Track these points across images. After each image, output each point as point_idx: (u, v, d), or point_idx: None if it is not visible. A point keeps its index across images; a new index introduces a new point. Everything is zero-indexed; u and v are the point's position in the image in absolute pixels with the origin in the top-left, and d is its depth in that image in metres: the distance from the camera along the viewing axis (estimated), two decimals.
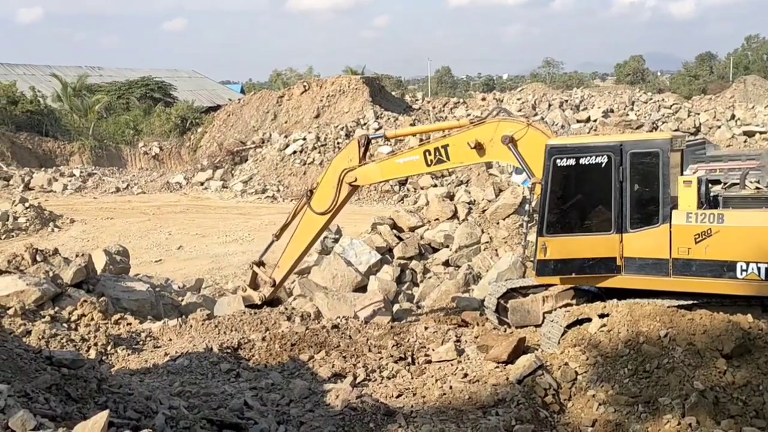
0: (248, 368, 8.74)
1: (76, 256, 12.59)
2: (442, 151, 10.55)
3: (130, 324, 10.92)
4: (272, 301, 12.44)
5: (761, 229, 8.23)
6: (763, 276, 8.16)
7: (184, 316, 11.59)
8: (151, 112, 48.50)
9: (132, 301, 12.23)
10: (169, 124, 45.49)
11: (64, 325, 10.44)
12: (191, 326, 10.72)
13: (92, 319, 10.69)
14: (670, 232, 8.58)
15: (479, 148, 10.12)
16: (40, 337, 9.39)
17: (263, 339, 9.62)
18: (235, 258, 20.72)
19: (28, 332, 9.51)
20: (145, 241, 23.39)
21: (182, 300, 13.62)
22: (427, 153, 10.69)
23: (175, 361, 8.90)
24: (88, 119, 44.71)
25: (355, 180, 11.40)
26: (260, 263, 12.84)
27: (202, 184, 36.65)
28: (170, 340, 10.30)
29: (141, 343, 10.13)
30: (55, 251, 12.37)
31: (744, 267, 8.23)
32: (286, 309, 12.77)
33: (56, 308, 10.90)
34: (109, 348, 9.63)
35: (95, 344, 9.62)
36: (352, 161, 11.48)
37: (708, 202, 8.86)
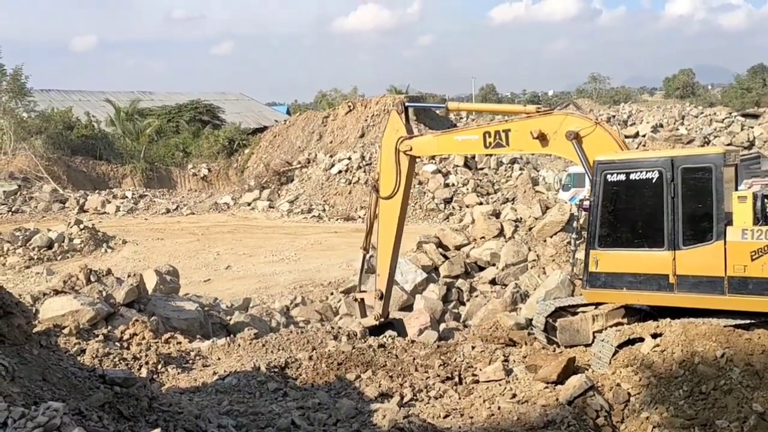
0: (295, 387, 8.77)
1: (128, 276, 12.87)
2: (503, 135, 10.35)
3: (180, 343, 11.07)
4: (385, 325, 12.13)
5: None
6: None
7: (232, 335, 11.70)
8: (200, 134, 49.61)
9: (182, 321, 12.42)
10: (217, 145, 46.44)
11: (117, 344, 10.65)
12: (239, 345, 10.83)
13: (143, 338, 10.88)
14: (725, 249, 8.33)
15: (542, 138, 9.93)
16: (94, 355, 9.61)
17: (310, 358, 9.65)
18: (281, 277, 20.90)
19: (83, 351, 9.74)
20: (193, 261, 23.77)
21: (230, 319, 13.78)
22: (487, 135, 10.51)
23: (224, 380, 8.99)
24: (139, 142, 45.99)
25: (411, 149, 11.31)
26: (359, 290, 12.64)
27: (249, 204, 37.16)
28: (219, 359, 10.41)
29: (190, 362, 10.27)
30: (108, 271, 12.68)
31: None
32: (333, 328, 12.81)
33: (109, 327, 11.13)
34: (159, 367, 9.78)
35: (146, 363, 9.79)
36: (399, 131, 11.47)
37: (764, 218, 8.57)
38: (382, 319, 11.96)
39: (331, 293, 17.72)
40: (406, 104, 11.77)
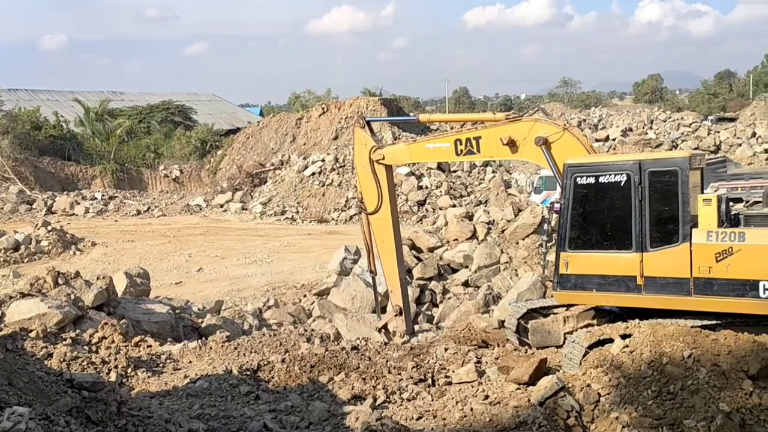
0: (268, 390, 8.72)
1: (97, 278, 12.69)
2: (474, 142, 10.47)
3: (151, 346, 10.95)
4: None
5: None
6: None
7: (203, 338, 11.60)
8: (172, 135, 49.15)
9: (152, 324, 12.27)
10: (190, 147, 46.04)
11: (85, 347, 10.49)
12: (211, 348, 10.73)
13: (113, 341, 10.73)
14: (691, 250, 8.49)
15: (512, 144, 10.06)
16: (61, 359, 9.44)
17: (283, 361, 9.60)
18: (254, 279, 20.78)
19: (50, 355, 9.57)
20: (165, 264, 23.53)
21: (202, 322, 13.66)
22: (458, 142, 10.61)
23: (195, 384, 8.90)
24: (109, 143, 45.39)
25: (383, 158, 11.39)
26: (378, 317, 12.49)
27: (221, 206, 36.89)
28: (190, 362, 10.31)
29: (161, 365, 10.15)
30: (77, 274, 12.48)
31: (767, 286, 8.10)
32: (306, 330, 12.76)
33: (77, 331, 10.96)
34: (129, 370, 9.65)
35: (115, 367, 9.65)
36: (368, 144, 11.54)
37: (729, 220, 8.75)
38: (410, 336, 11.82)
39: (305, 295, 17.65)
40: (367, 119, 11.84)
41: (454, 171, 34.72)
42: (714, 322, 8.53)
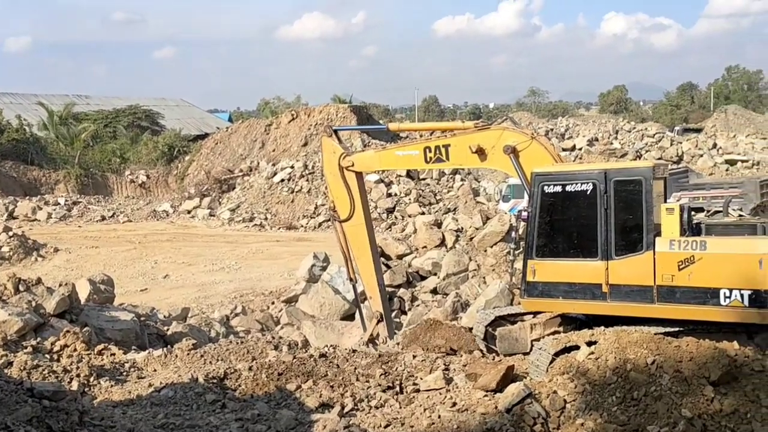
0: (234, 399, 8.63)
1: (60, 285, 12.45)
2: (443, 150, 10.53)
3: (114, 354, 10.77)
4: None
5: (743, 256, 8.27)
6: (746, 303, 8.18)
7: (169, 346, 11.45)
8: (138, 140, 48.53)
9: (116, 331, 12.08)
10: (157, 152, 45.50)
11: (46, 356, 10.27)
12: (176, 356, 10.59)
13: (75, 349, 10.53)
14: (654, 259, 8.64)
15: (481, 153, 10.14)
16: (22, 368, 9.24)
17: (250, 368, 9.51)
18: (222, 286, 20.58)
19: (10, 363, 9.35)
20: (130, 270, 23.19)
21: (168, 329, 13.48)
22: (427, 150, 10.66)
23: (160, 392, 8.77)
24: (74, 147, 44.61)
25: (353, 165, 11.38)
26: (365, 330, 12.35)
27: (189, 212, 36.50)
28: (155, 370, 10.16)
29: (125, 374, 9.99)
30: (38, 281, 12.22)
31: (727, 294, 8.26)
32: (274, 338, 12.67)
33: (38, 339, 10.75)
34: (91, 379, 9.47)
35: (78, 375, 9.47)
36: (336, 152, 11.52)
37: (691, 229, 8.93)
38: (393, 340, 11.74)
39: (273, 302, 17.55)
40: (334, 128, 11.86)
41: (424, 179, 34.87)
42: (676, 329, 8.68)
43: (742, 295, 8.20)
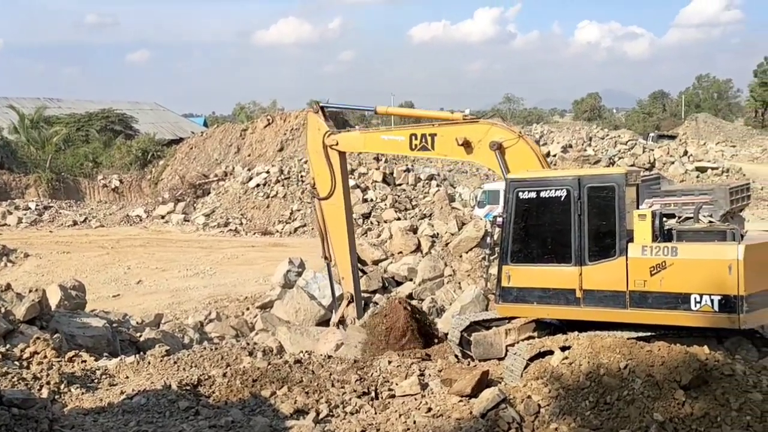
0: (208, 405, 8.55)
1: (30, 291, 12.25)
2: (429, 139, 10.51)
3: (85, 361, 10.61)
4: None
5: (713, 262, 8.40)
6: (716, 308, 8.31)
7: (142, 353, 11.33)
8: (111, 144, 47.98)
9: (87, 338, 11.91)
10: (130, 156, 45.03)
11: (16, 363, 10.09)
12: (149, 363, 10.47)
13: (45, 356, 10.36)
14: (627, 264, 8.74)
15: (467, 145, 10.16)
16: None
17: (224, 375, 9.43)
18: (196, 292, 20.41)
19: None
20: (102, 276, 22.92)
21: (140, 336, 13.32)
22: (413, 137, 10.64)
23: (132, 400, 8.65)
24: (45, 151, 43.97)
25: (337, 144, 11.33)
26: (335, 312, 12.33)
27: (163, 217, 36.17)
28: (127, 377, 10.03)
29: (96, 381, 9.84)
30: (8, 286, 12.02)
31: (698, 299, 8.39)
32: (248, 344, 12.58)
33: (7, 345, 10.56)
34: (62, 387, 9.32)
35: (48, 383, 9.31)
36: (321, 129, 11.47)
37: (662, 235, 9.05)
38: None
39: (247, 308, 17.44)
40: (321, 105, 11.77)
41: (399, 184, 34.96)
42: (648, 333, 8.79)
43: (712, 300, 8.33)
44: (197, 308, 18.14)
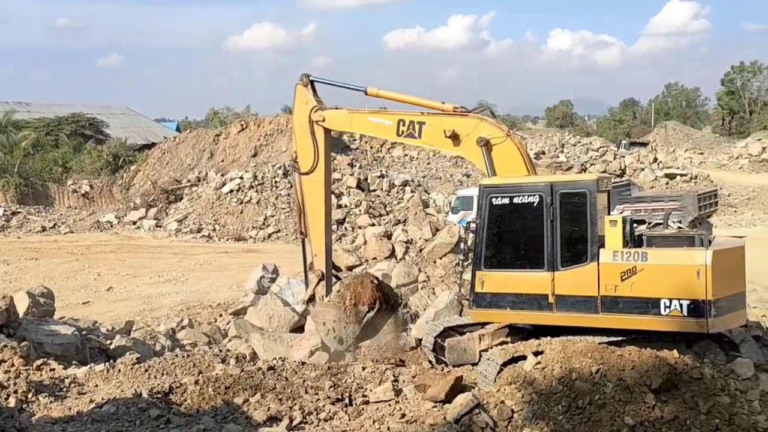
0: (179, 414, 8.44)
1: None
2: (417, 126, 10.44)
3: (54, 370, 10.42)
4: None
5: (682, 267, 8.53)
6: (685, 312, 8.43)
7: (112, 361, 11.15)
8: (82, 149, 47.28)
9: (56, 346, 11.70)
10: (101, 161, 44.39)
11: None
12: (119, 371, 10.32)
13: (12, 364, 10.14)
14: (598, 270, 8.84)
15: (454, 138, 10.11)
16: None
17: (196, 383, 9.32)
18: (168, 299, 20.17)
19: None
20: (72, 283, 22.54)
21: (110, 343, 13.12)
22: (401, 122, 10.57)
23: (101, 408, 8.52)
24: (13, 156, 43.13)
25: (323, 120, 11.22)
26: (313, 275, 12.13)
27: (134, 223, 35.72)
28: (96, 386, 9.87)
29: (65, 389, 9.66)
30: None
31: (667, 303, 8.51)
32: (221, 351, 12.46)
33: None
34: (30, 395, 9.13)
35: (15, 391, 9.12)
36: (309, 103, 11.35)
37: (633, 241, 9.17)
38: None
39: (220, 315, 17.27)
40: (311, 78, 11.66)
41: (374, 190, 34.98)
42: (620, 338, 8.89)
43: (681, 305, 8.45)
44: (169, 315, 17.93)
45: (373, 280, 11.34)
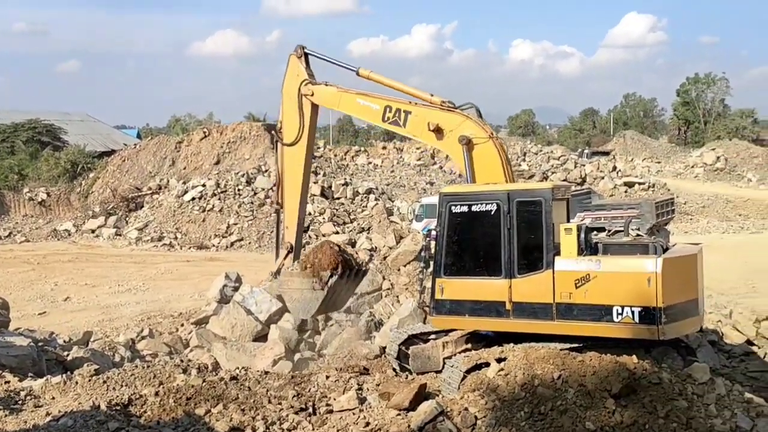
0: (139, 426, 8.29)
1: None
2: (403, 115, 10.50)
3: (9, 382, 10.17)
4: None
5: (633, 275, 8.62)
6: (636, 319, 8.52)
7: (69, 373, 10.90)
8: (39, 156, 46.22)
9: (11, 358, 11.40)
10: (58, 168, 43.43)
11: None
12: (77, 383, 10.09)
13: None
14: (553, 277, 8.95)
15: (438, 132, 10.17)
16: None
17: (156, 394, 9.16)
18: (128, 309, 19.82)
19: None
20: (27, 293, 22.02)
21: (68, 355, 12.82)
22: (387, 108, 10.63)
23: (58, 422, 8.32)
24: None
25: (312, 95, 11.28)
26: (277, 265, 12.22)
27: (93, 231, 35.06)
28: (53, 398, 9.64)
29: (20, 402, 9.42)
30: None
31: (620, 311, 8.62)
32: (183, 361, 12.28)
33: None
34: None
35: None
36: (300, 75, 11.38)
37: (589, 248, 9.29)
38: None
39: (182, 324, 17.02)
40: (306, 51, 11.65)
41: (338, 198, 34.94)
42: (578, 345, 8.99)
43: (633, 312, 8.56)
44: (129, 325, 17.62)
45: (333, 246, 11.44)
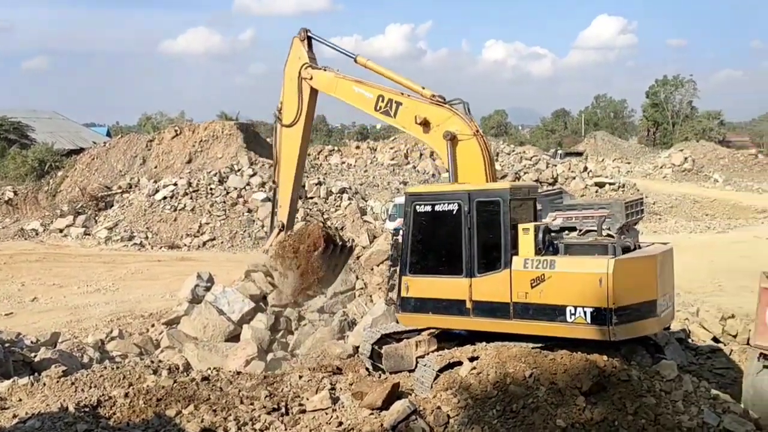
0: (108, 428, 8.18)
1: None
2: (394, 106, 10.62)
3: None
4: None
5: (586, 275, 8.63)
6: (588, 320, 8.55)
7: (36, 374, 10.72)
8: (5, 154, 45.35)
9: None
10: (25, 167, 42.68)
11: None
12: (44, 384, 9.93)
13: None
14: (511, 276, 9.03)
15: (425, 125, 10.28)
16: None
17: (126, 395, 9.04)
18: (97, 309, 19.52)
19: None
20: None
21: (35, 356, 12.60)
22: (380, 98, 10.76)
23: (25, 424, 8.18)
24: None
25: (311, 78, 11.52)
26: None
27: (61, 231, 34.45)
28: (20, 400, 9.48)
29: None
30: None
31: (572, 311, 8.66)
32: (153, 362, 12.14)
33: None
34: None
35: None
36: (302, 59, 11.60)
37: (549, 248, 9.29)
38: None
39: (152, 325, 16.82)
40: (309, 34, 11.79)
41: (311, 198, 34.83)
42: (539, 344, 9.04)
43: (585, 312, 8.61)
44: (98, 326, 17.36)
45: (318, 223, 11.84)
